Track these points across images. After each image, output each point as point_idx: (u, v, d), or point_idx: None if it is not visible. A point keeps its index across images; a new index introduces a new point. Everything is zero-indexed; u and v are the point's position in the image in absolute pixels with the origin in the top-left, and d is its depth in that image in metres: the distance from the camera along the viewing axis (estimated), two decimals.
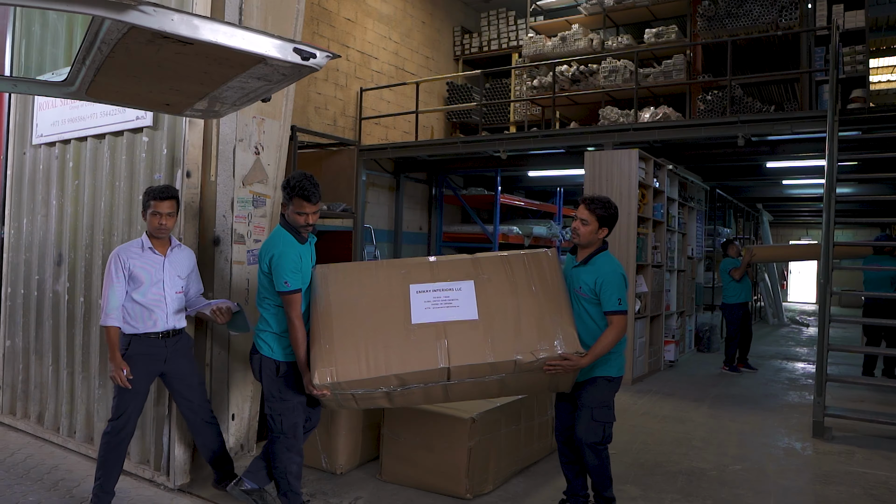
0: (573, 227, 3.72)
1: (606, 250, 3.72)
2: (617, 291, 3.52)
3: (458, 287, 3.61)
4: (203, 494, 4.18)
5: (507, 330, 3.45)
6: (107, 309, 3.74)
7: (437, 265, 3.75)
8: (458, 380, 3.44)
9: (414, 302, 3.57)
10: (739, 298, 9.12)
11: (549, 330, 3.44)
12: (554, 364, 3.38)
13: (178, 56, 2.76)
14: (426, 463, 4.23)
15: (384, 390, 3.44)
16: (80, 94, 3.50)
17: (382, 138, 12.21)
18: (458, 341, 3.41)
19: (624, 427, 5.98)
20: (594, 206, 3.65)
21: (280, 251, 3.49)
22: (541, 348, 3.38)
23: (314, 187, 3.53)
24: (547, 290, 3.58)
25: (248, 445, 4.85)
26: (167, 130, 4.43)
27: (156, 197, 3.80)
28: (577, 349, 3.40)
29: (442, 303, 3.56)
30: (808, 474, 4.94)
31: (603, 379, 3.63)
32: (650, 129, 8.92)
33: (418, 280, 3.65)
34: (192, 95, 3.43)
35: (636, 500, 4.27)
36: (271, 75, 2.94)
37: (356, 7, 11.74)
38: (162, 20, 2.33)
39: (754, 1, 10.19)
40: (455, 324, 3.47)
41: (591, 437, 3.60)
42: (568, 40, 12.10)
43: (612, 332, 3.51)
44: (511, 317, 3.49)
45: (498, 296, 3.57)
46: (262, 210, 4.83)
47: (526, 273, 3.65)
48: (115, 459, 3.82)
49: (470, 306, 3.54)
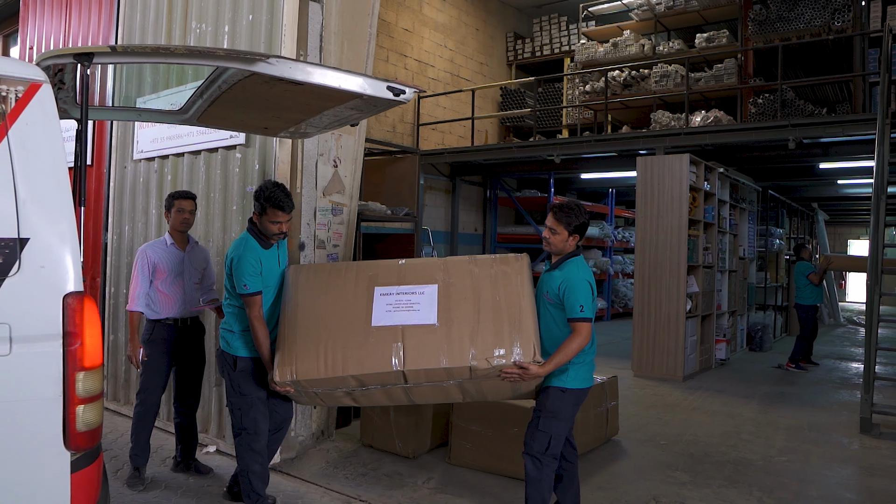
0: (543, 236, 3.64)
1: (577, 256, 3.59)
2: (580, 298, 3.38)
3: (421, 291, 3.60)
4: (293, 472, 4.67)
5: (464, 336, 3.41)
6: (133, 296, 4.39)
7: (404, 268, 3.75)
8: (415, 383, 3.45)
9: (376, 304, 3.58)
10: (814, 300, 9.46)
11: (506, 337, 3.38)
12: (510, 372, 3.34)
13: (287, 92, 3.25)
14: (493, 448, 4.65)
15: (344, 390, 3.52)
16: (192, 121, 4.04)
17: (439, 143, 12.68)
18: (415, 345, 3.40)
19: (675, 420, 6.31)
20: (561, 214, 3.53)
21: (240, 255, 3.68)
22: (497, 355, 3.34)
23: (286, 197, 3.69)
24: (511, 297, 3.51)
25: (329, 432, 5.36)
26: (258, 148, 4.96)
27: (179, 196, 4.46)
28: (536, 358, 3.33)
29: (403, 306, 3.55)
30: (853, 467, 5.20)
31: (556, 389, 3.50)
32: (701, 133, 9.17)
33: (384, 283, 3.66)
34: (290, 122, 3.94)
35: (685, 485, 4.62)
36: (364, 107, 3.41)
37: (413, 17, 12.23)
38: (282, 68, 2.81)
39: (806, 4, 10.29)
40: (413, 327, 3.46)
41: (532, 446, 3.49)
42: (620, 46, 12.34)
43: (574, 340, 3.36)
44: (470, 322, 3.44)
45: (460, 301, 3.53)
46: (339, 218, 5.33)
47: (491, 279, 3.59)
48: (142, 428, 4.43)
49: (430, 310, 3.51)
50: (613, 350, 10.55)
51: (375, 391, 3.52)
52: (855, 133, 8.19)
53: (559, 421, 3.49)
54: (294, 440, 4.98)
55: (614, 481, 4.68)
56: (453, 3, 13.27)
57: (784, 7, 10.46)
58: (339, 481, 4.53)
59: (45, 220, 2.32)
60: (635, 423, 6.11)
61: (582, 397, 3.59)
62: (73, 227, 2.38)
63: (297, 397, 3.69)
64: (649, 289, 8.36)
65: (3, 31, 9.23)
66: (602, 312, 14.54)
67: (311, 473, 4.66)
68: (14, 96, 2.32)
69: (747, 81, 10.89)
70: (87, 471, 2.42)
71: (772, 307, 12.76)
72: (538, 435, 3.48)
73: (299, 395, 3.64)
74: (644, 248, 8.43)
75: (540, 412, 3.52)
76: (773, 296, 13.06)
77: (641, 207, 8.46)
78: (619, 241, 15.04)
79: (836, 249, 23.57)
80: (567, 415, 3.53)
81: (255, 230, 3.79)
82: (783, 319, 13.46)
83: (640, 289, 8.46)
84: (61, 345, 2.32)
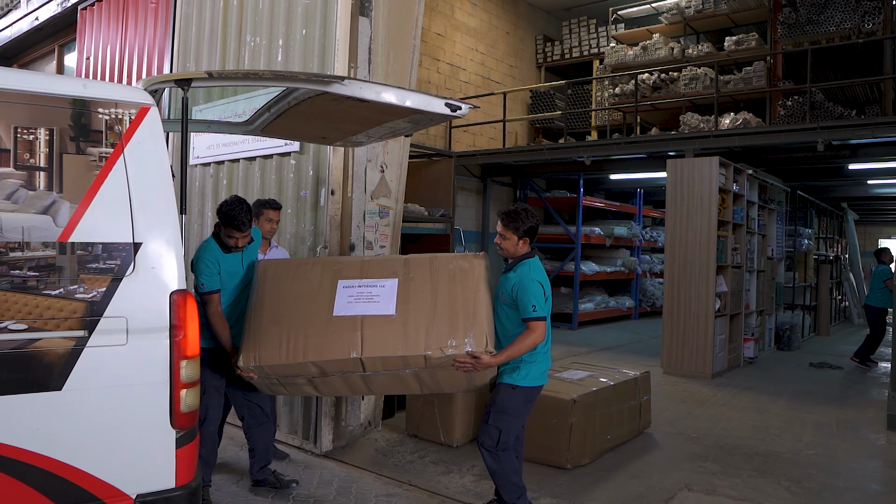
0: (495, 241, 3.81)
1: (530, 258, 3.72)
2: (532, 298, 3.54)
3: (382, 284, 3.74)
4: (345, 459, 5.01)
5: (420, 326, 3.55)
6: None
7: (368, 263, 3.91)
8: (373, 371, 3.61)
9: (339, 296, 3.71)
10: (884, 304, 9.66)
11: (460, 328, 3.52)
12: (463, 361, 3.47)
13: (352, 108, 3.56)
14: (532, 438, 4.91)
15: (306, 377, 3.66)
16: (256, 132, 4.38)
17: (470, 144, 12.96)
18: (372, 334, 3.55)
19: (705, 415, 6.55)
20: (509, 221, 3.68)
21: (199, 256, 3.93)
22: (450, 345, 3.48)
23: (245, 215, 3.85)
24: (467, 292, 3.65)
25: (375, 422, 5.68)
26: (312, 155, 5.29)
27: (269, 206, 4.70)
28: (488, 348, 3.47)
29: (364, 298, 3.69)
30: (879, 461, 5.41)
31: (507, 386, 3.68)
32: (730, 135, 9.35)
33: (347, 276, 3.80)
34: (348, 132, 4.25)
35: (716, 475, 4.87)
36: (421, 120, 3.71)
37: (445, 22, 12.52)
38: (354, 88, 3.12)
39: (836, 6, 10.40)
40: (372, 318, 3.60)
41: (484, 440, 3.70)
42: (649, 49, 12.53)
43: (528, 336, 3.52)
44: (426, 314, 3.58)
45: (418, 294, 3.67)
46: (386, 220, 5.64)
47: (450, 274, 3.72)
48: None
49: (389, 302, 3.65)
50: (642, 348, 10.76)
51: (335, 379, 3.67)
52: (884, 135, 8.32)
53: (508, 416, 3.67)
54: (344, 429, 5.31)
55: (648, 470, 4.94)
56: (484, 7, 13.55)
57: (813, 10, 10.58)
58: (389, 468, 4.85)
59: (154, 226, 2.65)
60: (666, 418, 6.35)
61: (533, 395, 3.76)
62: (177, 233, 2.71)
63: (260, 385, 3.81)
64: (679, 288, 8.57)
65: (59, 40, 9.68)
66: (630, 311, 14.73)
67: (362, 460, 4.99)
68: (128, 118, 2.65)
69: (776, 84, 11.03)
70: (189, 447, 2.75)
71: (800, 307, 12.86)
72: (488, 429, 3.68)
73: (262, 383, 3.76)
74: (674, 248, 8.64)
75: (490, 408, 3.72)
76: (802, 295, 13.15)
77: (671, 209, 8.67)
78: (646, 240, 15.20)
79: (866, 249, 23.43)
80: (517, 411, 3.70)
81: (218, 237, 4.01)
82: (811, 319, 13.55)
83: (670, 288, 8.67)
84: (168, 336, 2.66)
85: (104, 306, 2.55)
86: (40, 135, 2.53)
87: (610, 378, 5.47)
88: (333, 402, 5.16)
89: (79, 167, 2.57)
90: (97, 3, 8.18)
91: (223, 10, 6.19)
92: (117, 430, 2.59)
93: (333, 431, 5.24)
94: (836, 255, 17.15)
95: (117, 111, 2.64)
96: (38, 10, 9.32)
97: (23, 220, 2.45)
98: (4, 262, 2.41)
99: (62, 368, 2.48)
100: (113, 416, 2.58)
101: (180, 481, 2.70)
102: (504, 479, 3.72)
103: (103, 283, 2.55)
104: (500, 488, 3.77)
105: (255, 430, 4.33)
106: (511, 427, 3.69)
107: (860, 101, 12.02)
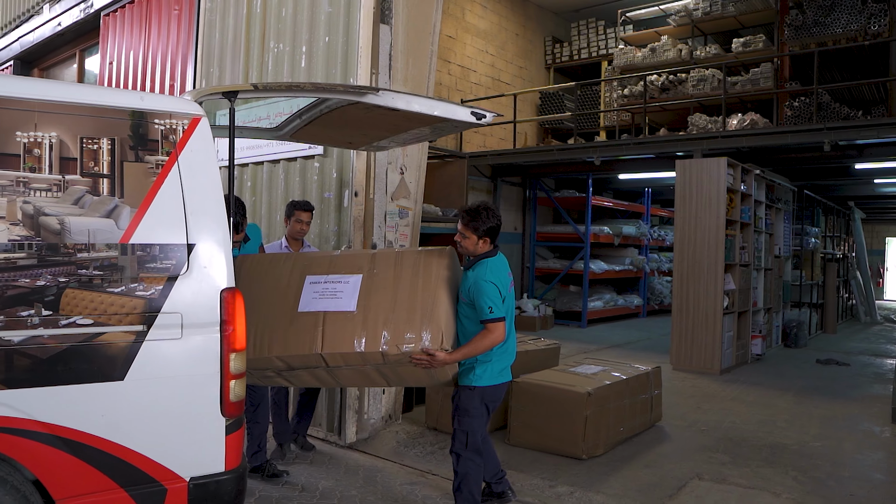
0: (455, 240, 3.81)
1: (490, 257, 3.73)
2: (487, 300, 3.54)
3: (346, 280, 3.78)
4: (368, 451, 5.22)
5: (378, 323, 3.60)
6: None
7: (336, 259, 3.95)
8: (335, 366, 3.68)
9: (305, 291, 3.78)
10: None
11: (417, 325, 3.56)
12: (419, 358, 3.51)
13: (381, 116, 3.76)
14: (548, 429, 5.14)
15: (273, 370, 3.74)
16: (286, 137, 4.60)
17: (481, 145, 13.16)
18: (333, 330, 3.62)
19: (714, 409, 6.73)
20: (468, 219, 3.69)
21: None
22: (406, 341, 3.54)
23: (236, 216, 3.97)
24: (428, 288, 3.68)
25: (396, 415, 5.88)
26: (336, 158, 5.50)
27: (300, 208, 4.91)
28: (443, 345, 3.51)
29: (328, 294, 3.75)
30: (883, 452, 5.59)
31: (465, 388, 3.74)
32: (737, 136, 9.53)
33: (314, 272, 3.86)
34: (374, 138, 4.46)
35: (726, 465, 5.06)
36: (446, 127, 3.92)
37: (456, 25, 12.72)
38: (386, 99, 3.32)
39: (842, 9, 10.56)
40: (333, 314, 3.67)
41: (454, 445, 3.79)
42: (657, 51, 12.70)
43: (486, 336, 3.55)
44: (385, 310, 3.63)
45: (380, 290, 3.71)
46: (406, 220, 5.84)
47: (413, 271, 3.76)
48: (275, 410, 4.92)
49: (351, 299, 3.70)
50: (651, 345, 10.95)
51: (302, 372, 3.76)
52: (890, 136, 8.49)
53: (471, 417, 3.73)
54: (366, 422, 5.52)
55: (660, 461, 5.13)
56: (494, 10, 13.74)
57: (820, 12, 10.74)
58: (411, 458, 5.06)
59: (206, 228, 2.86)
60: (676, 412, 6.54)
61: (493, 394, 3.78)
62: (227, 234, 2.92)
63: None
64: (688, 286, 8.75)
65: (80, 45, 9.91)
66: (638, 309, 14.91)
67: (385, 451, 5.20)
68: (181, 128, 2.87)
69: (783, 85, 11.19)
70: (236, 434, 2.96)
71: (807, 305, 13.02)
72: (457, 434, 3.77)
73: None
74: (683, 247, 8.82)
75: (454, 412, 3.81)
76: (809, 293, 13.30)
77: (680, 208, 8.86)
78: (654, 239, 15.37)
79: (873, 248, 23.55)
80: (477, 411, 3.74)
81: None
82: (819, 317, 13.71)
83: (679, 286, 8.86)
84: (219, 331, 2.86)
85: (161, 303, 2.76)
86: (103, 144, 2.74)
87: (623, 372, 5.67)
88: (357, 396, 5.38)
89: (137, 174, 2.78)
90: (120, 10, 8.41)
91: (246, 18, 6.40)
92: (173, 417, 2.79)
93: (357, 424, 5.46)
94: (844, 253, 17.30)
95: (171, 122, 2.85)
96: (60, 16, 9.55)
97: (88, 223, 2.66)
98: (73, 262, 2.63)
99: (124, 360, 2.69)
100: (169, 405, 2.78)
101: (229, 466, 2.91)
102: (465, 484, 3.76)
103: (160, 282, 2.76)
104: (456, 492, 3.81)
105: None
106: (477, 428, 3.74)
107: (868, 101, 12.16)
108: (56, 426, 2.58)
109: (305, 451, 5.11)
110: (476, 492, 3.81)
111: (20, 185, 2.59)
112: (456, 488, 3.82)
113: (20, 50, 10.84)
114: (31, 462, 2.55)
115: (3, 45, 11.36)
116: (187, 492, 2.81)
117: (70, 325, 2.61)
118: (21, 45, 10.78)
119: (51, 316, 2.58)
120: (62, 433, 2.58)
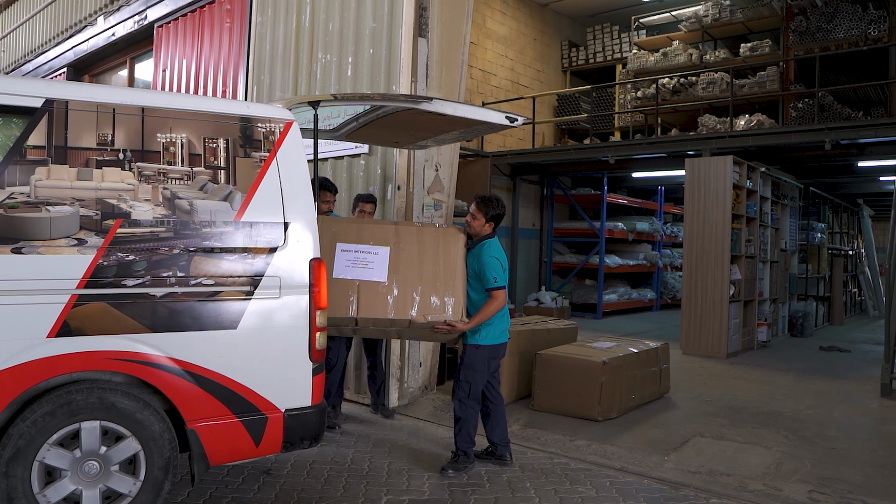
0: (466, 220, 4.46)
1: (490, 239, 4.42)
2: (492, 272, 4.25)
3: (376, 252, 4.26)
4: (409, 413, 5.93)
5: (407, 294, 4.18)
6: None
7: (363, 228, 4.43)
8: (363, 327, 4.32)
9: (337, 259, 4.22)
10: None
11: (441, 297, 4.19)
12: (441, 327, 4.23)
13: (430, 120, 4.47)
14: (568, 395, 5.83)
15: None
16: (342, 137, 5.32)
17: (500, 145, 13.86)
18: (367, 298, 4.16)
19: (718, 385, 7.40)
20: (482, 204, 4.40)
21: None
22: (433, 312, 4.18)
23: None
24: (448, 263, 4.28)
25: (431, 386, 6.60)
26: (380, 156, 6.23)
27: (364, 200, 5.62)
28: (462, 318, 4.24)
29: (360, 263, 4.23)
30: (868, 418, 6.23)
31: (471, 346, 4.40)
32: (744, 136, 10.16)
33: (345, 239, 4.29)
34: (419, 138, 5.17)
35: (725, 426, 5.73)
36: (482, 129, 4.62)
37: (477, 31, 13.42)
38: (436, 105, 4.03)
39: (844, 15, 11.16)
40: (367, 283, 4.21)
41: (457, 392, 4.44)
42: (669, 55, 13.33)
43: (492, 304, 4.27)
44: (413, 283, 4.20)
45: (407, 263, 4.25)
46: (440, 212, 6.55)
47: (434, 247, 4.31)
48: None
49: (382, 269, 4.22)
50: (662, 334, 11.56)
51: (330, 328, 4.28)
52: (887, 135, 9.09)
53: (474, 371, 4.40)
54: (406, 391, 6.23)
55: (667, 423, 5.81)
56: (513, 16, 14.44)
57: (823, 18, 11.35)
58: (447, 420, 5.74)
59: (297, 210, 3.59)
60: (684, 387, 7.21)
61: (494, 352, 4.48)
62: (314, 216, 3.64)
63: None
64: (696, 276, 9.40)
65: (131, 53, 10.71)
66: (651, 302, 15.53)
67: (424, 414, 5.92)
68: (278, 130, 3.59)
69: (788, 87, 11.80)
70: (319, 377, 3.68)
71: (813, 297, 13.58)
72: (460, 384, 4.43)
73: None
74: (692, 239, 9.48)
75: (460, 365, 4.45)
76: (815, 286, 13.87)
77: (689, 203, 9.51)
78: (667, 235, 15.96)
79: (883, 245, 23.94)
80: (481, 366, 4.42)
81: None
82: (825, 309, 14.25)
83: (689, 276, 9.51)
84: (308, 292, 3.58)
85: (264, 269, 3.49)
86: (220, 143, 3.47)
87: (634, 347, 6.36)
88: (399, 366, 6.09)
89: (246, 167, 3.51)
90: (173, 22, 9.18)
91: (295, 30, 7.13)
92: (273, 360, 3.52)
93: (399, 391, 6.17)
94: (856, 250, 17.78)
95: (270, 125, 3.58)
96: (115, 27, 10.35)
97: (211, 205, 3.40)
98: (199, 235, 3.36)
99: (237, 313, 3.42)
100: (270, 350, 3.51)
101: (315, 401, 3.63)
102: (464, 427, 4.46)
103: (264, 252, 3.49)
104: (456, 435, 4.50)
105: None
106: (478, 380, 4.43)
107: (870, 100, 12.72)
108: (187, 363, 3.31)
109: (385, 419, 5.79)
110: (472, 433, 4.51)
111: (160, 175, 3.33)
112: (457, 432, 4.52)
113: (73, 58, 11.67)
114: (170, 391, 3.28)
115: (57, 53, 12.20)
116: (283, 420, 3.53)
117: (197, 284, 3.34)
118: (75, 53, 11.61)
119: (183, 277, 3.31)
120: (191, 369, 3.32)
